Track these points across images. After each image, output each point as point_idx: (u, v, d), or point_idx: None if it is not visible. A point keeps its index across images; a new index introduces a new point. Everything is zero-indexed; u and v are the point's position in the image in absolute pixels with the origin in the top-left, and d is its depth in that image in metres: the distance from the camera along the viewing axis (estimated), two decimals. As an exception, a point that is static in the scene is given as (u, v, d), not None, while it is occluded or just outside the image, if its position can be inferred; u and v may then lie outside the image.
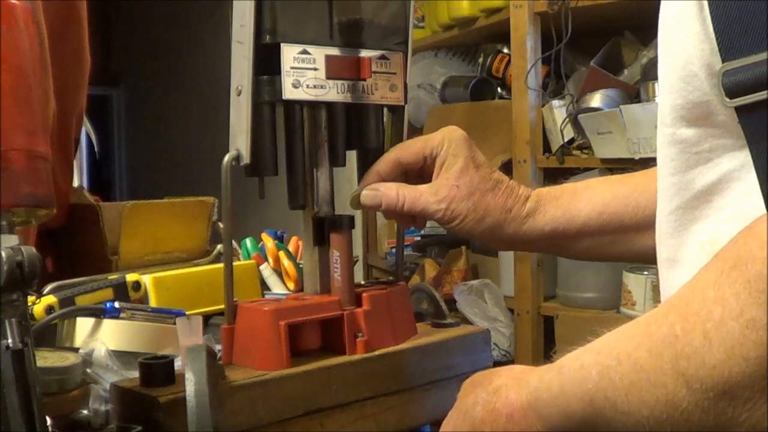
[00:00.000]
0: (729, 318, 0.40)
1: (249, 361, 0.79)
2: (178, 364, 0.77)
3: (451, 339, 0.90)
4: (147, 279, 1.05)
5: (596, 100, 2.12)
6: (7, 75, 0.67)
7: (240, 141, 0.79)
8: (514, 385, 0.59)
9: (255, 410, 0.75)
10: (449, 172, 0.82)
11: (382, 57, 0.86)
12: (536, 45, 2.24)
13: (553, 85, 2.31)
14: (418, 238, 3.00)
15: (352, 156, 0.89)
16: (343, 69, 0.83)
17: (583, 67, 2.30)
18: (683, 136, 0.57)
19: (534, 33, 2.23)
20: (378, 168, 0.84)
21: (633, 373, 0.47)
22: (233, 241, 1.33)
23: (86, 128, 1.63)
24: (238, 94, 0.79)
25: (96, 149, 2.26)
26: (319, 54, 0.81)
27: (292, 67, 0.79)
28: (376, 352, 0.83)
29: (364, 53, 0.84)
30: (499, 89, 2.58)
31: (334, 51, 0.82)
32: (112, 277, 1.06)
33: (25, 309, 0.63)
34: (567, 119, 2.19)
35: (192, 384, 0.65)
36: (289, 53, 0.79)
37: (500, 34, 2.42)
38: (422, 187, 0.83)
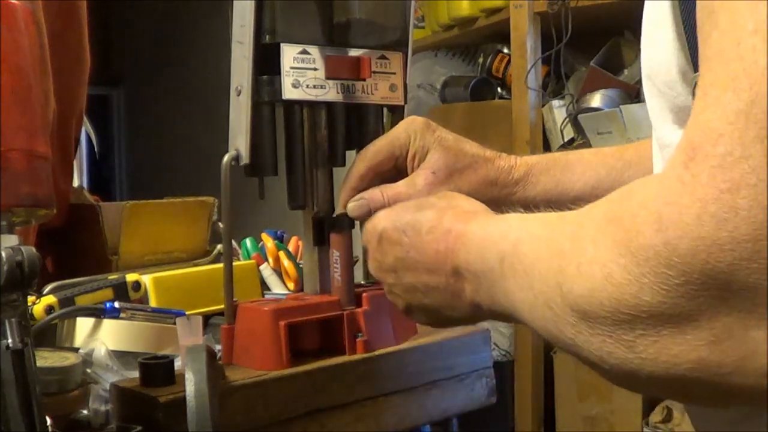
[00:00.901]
0: (595, 262, 0.44)
1: (249, 361, 0.79)
2: (178, 364, 0.77)
3: (451, 339, 0.90)
4: (147, 279, 1.05)
5: (596, 100, 2.12)
6: (7, 75, 0.67)
7: (239, 141, 0.79)
8: (465, 216, 0.65)
9: (254, 410, 0.75)
10: (423, 162, 0.81)
11: (382, 57, 0.86)
12: (536, 45, 2.24)
13: (553, 85, 2.31)
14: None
15: (352, 156, 0.89)
16: (343, 69, 0.83)
17: (583, 67, 2.30)
18: (670, 140, 0.57)
19: (534, 33, 2.23)
20: (351, 183, 0.82)
21: (533, 258, 0.52)
22: (233, 241, 1.33)
23: (86, 128, 1.63)
24: (238, 94, 0.79)
25: (96, 149, 2.26)
26: (318, 54, 0.81)
27: (291, 67, 0.79)
28: (376, 352, 0.83)
29: (364, 53, 0.84)
30: (499, 89, 2.58)
31: (334, 51, 0.82)
32: (112, 277, 1.06)
33: (25, 309, 0.63)
34: (567, 119, 2.19)
35: (192, 384, 0.65)
36: (289, 53, 0.79)
37: (500, 34, 2.42)
38: (401, 183, 0.82)
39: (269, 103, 0.81)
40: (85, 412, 0.75)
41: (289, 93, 0.79)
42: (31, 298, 0.92)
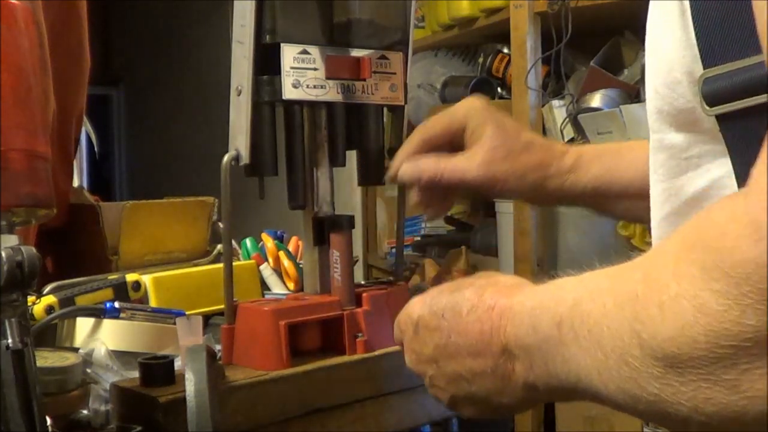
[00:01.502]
0: (683, 297, 0.40)
1: (249, 361, 0.79)
2: (178, 364, 0.77)
3: (451, 339, 0.90)
4: (147, 279, 1.05)
5: (596, 100, 2.12)
6: (7, 75, 0.67)
7: (239, 141, 0.79)
8: (508, 291, 0.60)
9: (255, 410, 0.75)
10: (481, 140, 0.81)
11: (382, 57, 0.85)
12: (536, 45, 2.24)
13: (553, 85, 2.30)
14: (418, 238, 3.00)
15: (352, 156, 0.89)
16: (343, 69, 0.83)
17: (583, 67, 2.29)
18: (671, 142, 0.57)
19: (534, 33, 2.23)
20: (405, 151, 0.83)
21: (599, 315, 0.47)
22: (233, 241, 1.33)
23: (86, 128, 1.63)
24: (238, 94, 0.79)
25: (96, 149, 2.26)
26: (319, 54, 0.81)
27: (292, 67, 0.79)
28: (376, 352, 0.83)
29: (364, 53, 0.84)
30: (499, 89, 2.58)
31: (335, 51, 0.82)
32: (112, 277, 1.06)
33: (25, 309, 0.63)
34: (567, 119, 2.19)
35: (192, 384, 0.65)
36: (289, 53, 0.79)
37: (500, 34, 2.42)
38: (459, 156, 0.82)
39: (269, 103, 0.81)
40: (85, 412, 0.75)
41: (289, 93, 0.79)
42: (31, 298, 0.92)
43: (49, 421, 0.67)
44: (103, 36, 5.35)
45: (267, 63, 0.79)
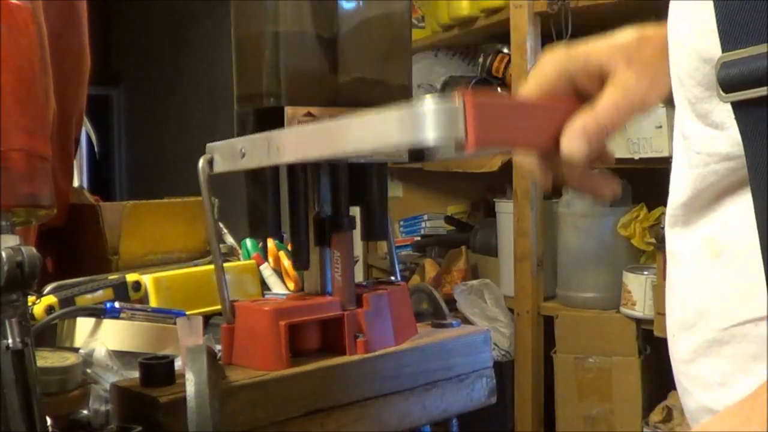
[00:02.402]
0: None
1: (249, 361, 0.79)
2: (178, 364, 0.77)
3: (451, 339, 0.90)
4: (147, 279, 1.05)
5: (596, 100, 2.12)
6: (7, 75, 0.67)
7: (218, 155, 0.79)
8: None
9: (255, 410, 0.75)
10: (615, 68, 0.65)
11: None
12: (536, 45, 2.24)
13: (553, 85, 2.30)
14: (418, 238, 3.00)
15: (355, 212, 0.88)
16: None
17: (583, 67, 2.29)
18: (690, 132, 0.57)
19: (534, 33, 2.23)
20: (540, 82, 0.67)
21: None
22: (233, 241, 1.33)
23: (86, 128, 1.63)
24: (242, 157, 0.77)
25: (96, 149, 2.26)
26: (323, 115, 0.80)
27: None
28: (376, 352, 0.83)
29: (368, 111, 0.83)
30: (499, 89, 2.58)
31: (339, 111, 0.81)
32: (112, 277, 1.06)
33: (25, 309, 0.63)
34: (567, 119, 2.18)
35: (192, 384, 0.65)
36: (293, 116, 0.78)
37: (500, 34, 2.42)
38: (607, 93, 0.65)
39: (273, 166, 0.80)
40: (85, 412, 0.75)
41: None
42: (31, 298, 0.92)
43: (49, 421, 0.67)
44: (103, 36, 5.35)
45: (270, 126, 0.77)
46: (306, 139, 0.70)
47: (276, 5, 0.78)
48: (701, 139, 0.55)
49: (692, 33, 0.53)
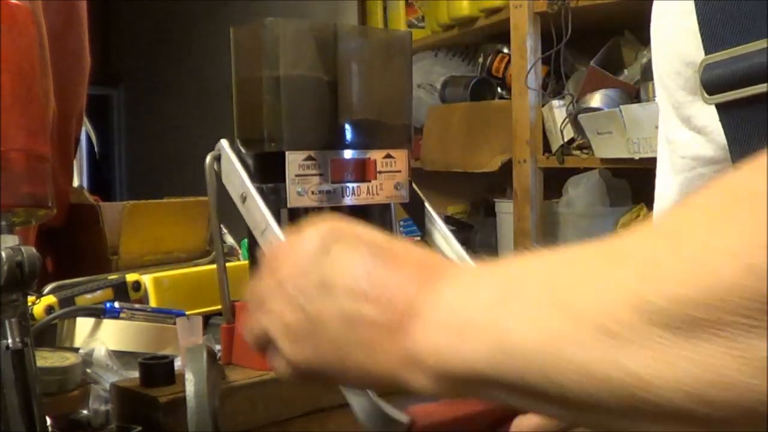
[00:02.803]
0: (721, 253, 0.32)
1: (249, 361, 0.79)
2: (178, 364, 0.77)
3: (451, 339, 0.90)
4: (147, 279, 1.05)
5: (596, 100, 2.12)
6: (7, 75, 0.67)
7: (224, 153, 0.79)
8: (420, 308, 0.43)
9: (255, 410, 0.75)
10: None
11: (388, 156, 0.85)
12: (536, 45, 2.24)
13: (553, 85, 2.30)
14: (418, 238, 2.99)
15: None
16: (349, 172, 0.82)
17: (583, 67, 2.29)
18: (673, 137, 0.57)
19: (534, 33, 2.23)
20: None
21: (578, 277, 0.37)
22: (233, 241, 1.33)
23: (86, 128, 1.63)
24: (243, 202, 0.77)
25: (96, 149, 2.26)
26: (323, 158, 0.80)
27: (297, 175, 0.78)
28: (376, 352, 0.83)
29: (370, 154, 0.84)
30: (499, 89, 2.58)
31: (339, 154, 0.81)
32: (112, 277, 1.06)
33: (25, 309, 0.63)
34: (567, 119, 2.19)
35: (192, 384, 0.65)
36: (294, 161, 0.78)
37: (500, 34, 2.42)
38: None
39: (274, 207, 0.80)
40: (85, 412, 0.75)
41: (294, 201, 0.78)
42: (31, 298, 0.92)
43: (49, 421, 0.67)
44: (103, 36, 5.35)
45: (271, 170, 0.78)
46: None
47: (276, 50, 0.78)
48: (686, 144, 0.55)
49: (674, 37, 0.52)
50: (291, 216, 0.82)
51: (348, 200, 0.82)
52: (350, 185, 0.82)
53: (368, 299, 0.45)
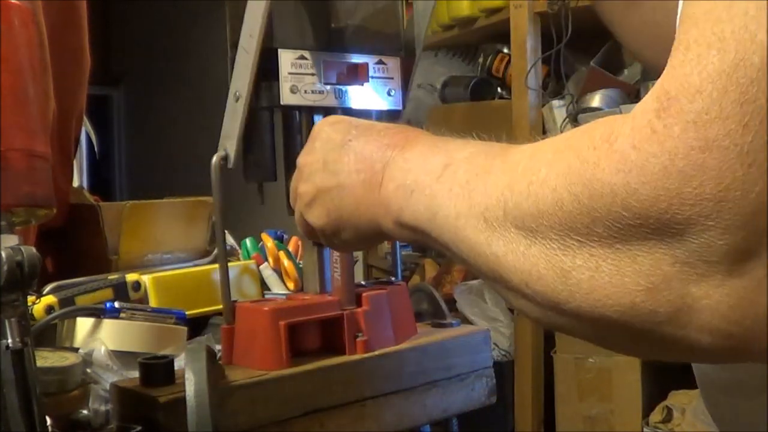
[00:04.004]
0: (548, 186, 0.43)
1: (249, 361, 0.79)
2: (178, 364, 0.77)
3: (451, 339, 0.90)
4: (147, 279, 1.05)
5: (596, 100, 2.12)
6: (7, 75, 0.67)
7: (229, 144, 0.79)
8: (424, 131, 0.63)
9: (255, 410, 0.75)
10: None
11: (380, 62, 0.86)
12: (536, 45, 2.24)
13: (553, 85, 2.31)
14: (418, 238, 2.99)
15: None
16: (341, 74, 0.83)
17: (583, 67, 2.30)
18: None
19: (534, 33, 2.23)
20: None
21: (482, 171, 0.50)
22: (233, 241, 1.33)
23: (86, 128, 1.63)
24: (236, 100, 0.79)
25: (96, 149, 2.26)
26: (316, 59, 0.81)
27: (289, 73, 0.79)
28: (376, 352, 0.83)
29: (362, 58, 0.84)
30: (499, 89, 2.58)
31: (332, 56, 0.82)
32: (112, 277, 1.06)
33: (25, 309, 0.63)
34: (567, 119, 2.19)
35: (192, 384, 0.65)
36: (287, 59, 0.79)
37: (500, 34, 2.42)
38: None
39: (267, 109, 0.81)
40: (85, 412, 0.75)
41: (287, 98, 0.79)
42: (31, 298, 0.92)
43: (49, 421, 0.67)
44: (103, 36, 5.35)
45: (265, 68, 0.79)
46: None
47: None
48: None
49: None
50: (284, 117, 0.83)
51: (339, 102, 0.83)
52: (342, 87, 0.82)
53: (355, 168, 0.63)
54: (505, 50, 2.51)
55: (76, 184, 1.42)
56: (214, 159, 0.79)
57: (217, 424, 0.64)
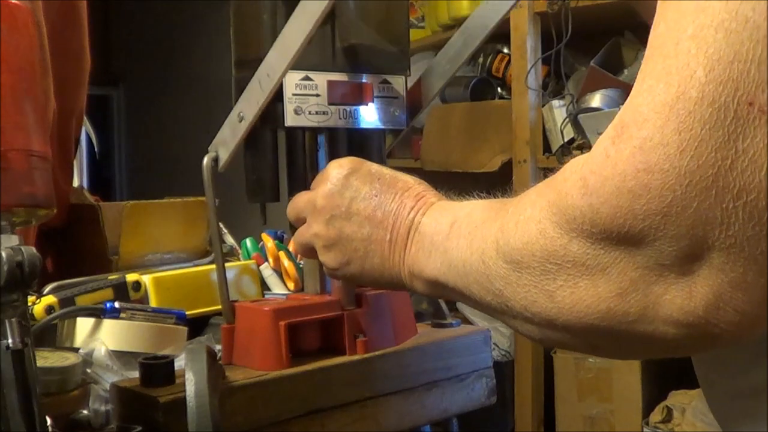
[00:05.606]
0: (532, 220, 0.51)
1: (249, 361, 0.79)
2: (178, 364, 0.77)
3: (451, 339, 0.90)
4: (147, 279, 1.05)
5: (596, 100, 2.12)
6: (7, 75, 0.67)
7: (222, 149, 0.79)
8: (437, 194, 0.70)
9: (255, 410, 0.75)
10: None
11: (384, 81, 0.85)
12: (536, 45, 2.24)
13: (553, 85, 2.30)
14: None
15: None
16: (345, 94, 0.82)
17: (583, 67, 2.29)
18: None
19: (534, 33, 2.23)
20: None
21: (480, 222, 0.58)
22: (233, 241, 1.33)
23: (86, 128, 1.63)
24: (239, 121, 0.78)
25: (96, 149, 2.26)
26: (321, 80, 0.80)
27: (294, 94, 0.79)
28: (376, 352, 0.83)
29: (366, 78, 0.84)
30: (499, 89, 2.58)
31: (337, 76, 0.82)
32: (112, 277, 1.06)
33: (25, 309, 0.63)
34: (567, 119, 2.19)
35: (192, 384, 0.65)
36: (292, 80, 0.79)
37: (500, 34, 2.42)
38: None
39: (271, 129, 0.80)
40: (85, 412, 0.75)
41: (291, 120, 0.79)
42: (31, 298, 0.92)
43: (49, 421, 0.67)
44: (103, 36, 5.35)
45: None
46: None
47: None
48: None
49: None
50: (288, 137, 0.82)
51: (343, 123, 0.82)
52: (346, 107, 0.82)
53: (381, 225, 0.68)
54: (505, 50, 2.51)
55: (76, 184, 1.42)
56: (206, 159, 0.79)
57: (217, 424, 0.64)
